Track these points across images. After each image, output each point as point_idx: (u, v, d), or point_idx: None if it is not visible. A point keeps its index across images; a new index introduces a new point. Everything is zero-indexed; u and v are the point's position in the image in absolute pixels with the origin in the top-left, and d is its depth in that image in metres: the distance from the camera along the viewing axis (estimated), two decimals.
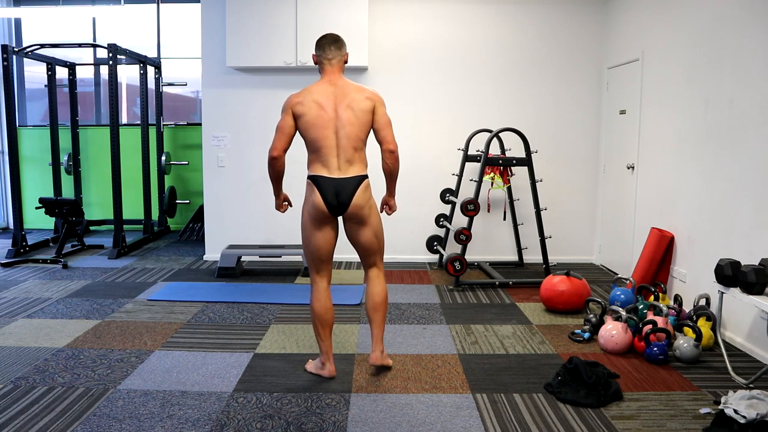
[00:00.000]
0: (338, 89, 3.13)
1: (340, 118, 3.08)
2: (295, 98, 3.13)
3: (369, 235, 3.21)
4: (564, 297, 4.37)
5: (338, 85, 3.15)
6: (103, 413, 2.81)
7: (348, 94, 3.12)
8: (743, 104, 3.72)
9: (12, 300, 4.67)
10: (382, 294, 3.26)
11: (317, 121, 3.07)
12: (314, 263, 3.22)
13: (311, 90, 3.14)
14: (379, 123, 3.16)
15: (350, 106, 3.10)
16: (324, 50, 3.19)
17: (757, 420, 2.53)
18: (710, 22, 4.09)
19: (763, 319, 3.51)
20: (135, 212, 7.47)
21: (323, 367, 3.25)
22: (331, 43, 3.19)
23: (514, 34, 5.97)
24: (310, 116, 3.08)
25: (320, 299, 3.20)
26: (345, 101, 3.11)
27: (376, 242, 3.24)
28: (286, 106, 3.13)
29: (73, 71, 7.42)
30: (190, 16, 7.67)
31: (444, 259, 5.19)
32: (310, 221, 3.14)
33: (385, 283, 3.33)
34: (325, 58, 3.19)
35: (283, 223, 6.07)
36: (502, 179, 5.50)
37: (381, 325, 3.28)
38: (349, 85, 3.16)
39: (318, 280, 3.23)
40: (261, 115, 5.99)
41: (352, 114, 3.09)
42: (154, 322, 4.15)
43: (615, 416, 2.82)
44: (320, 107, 3.08)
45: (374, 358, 3.26)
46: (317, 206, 3.10)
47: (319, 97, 3.10)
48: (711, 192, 4.05)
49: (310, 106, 3.08)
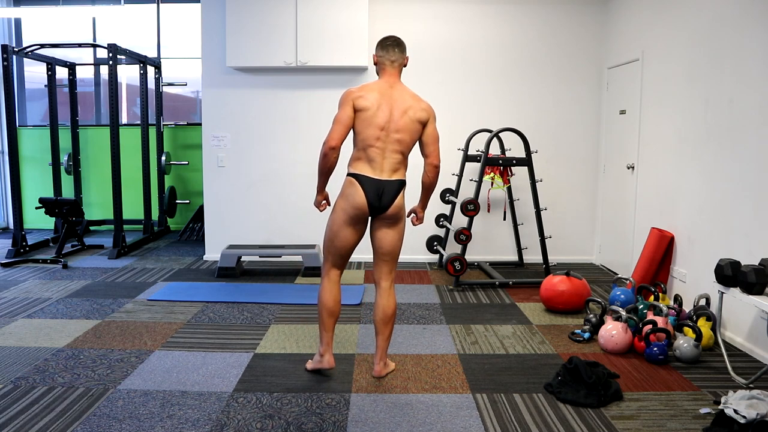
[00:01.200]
0: (397, 93, 3.13)
1: (395, 121, 3.08)
2: (357, 92, 3.10)
3: (396, 239, 3.22)
4: (564, 297, 4.37)
5: (397, 88, 3.15)
6: (103, 413, 2.81)
7: (406, 101, 3.12)
8: (743, 104, 3.72)
9: (12, 300, 4.67)
10: (393, 307, 3.24)
11: (374, 120, 3.06)
12: (335, 258, 3.22)
13: (372, 87, 3.12)
14: (428, 137, 3.17)
15: (406, 113, 3.10)
16: (387, 51, 3.18)
17: (757, 420, 2.53)
18: (710, 22, 4.09)
19: (763, 319, 3.51)
20: (135, 212, 7.47)
21: (322, 358, 3.24)
22: (395, 45, 3.20)
23: (514, 34, 5.97)
24: (369, 113, 3.06)
25: (332, 290, 3.23)
26: (402, 106, 3.10)
27: (398, 247, 3.24)
28: (347, 98, 3.09)
29: (73, 71, 7.42)
30: (190, 16, 7.67)
31: (444, 259, 5.19)
32: (345, 217, 3.12)
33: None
34: (388, 59, 3.19)
35: (283, 223, 6.08)
36: (502, 179, 5.50)
37: (389, 338, 3.27)
38: (407, 91, 3.17)
39: (332, 272, 3.24)
40: (261, 115, 6.00)
41: (407, 121, 3.09)
42: (154, 322, 4.15)
43: (615, 416, 2.82)
44: (379, 107, 3.07)
45: (378, 370, 3.25)
46: (358, 204, 3.09)
47: (380, 96, 3.09)
48: (711, 192, 4.05)
49: (371, 103, 3.06)
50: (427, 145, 3.18)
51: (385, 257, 3.22)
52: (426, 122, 3.16)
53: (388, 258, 3.22)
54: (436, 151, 3.19)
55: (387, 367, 3.31)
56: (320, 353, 3.26)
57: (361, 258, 6.03)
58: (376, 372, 3.26)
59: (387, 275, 3.25)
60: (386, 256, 3.22)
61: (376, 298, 3.26)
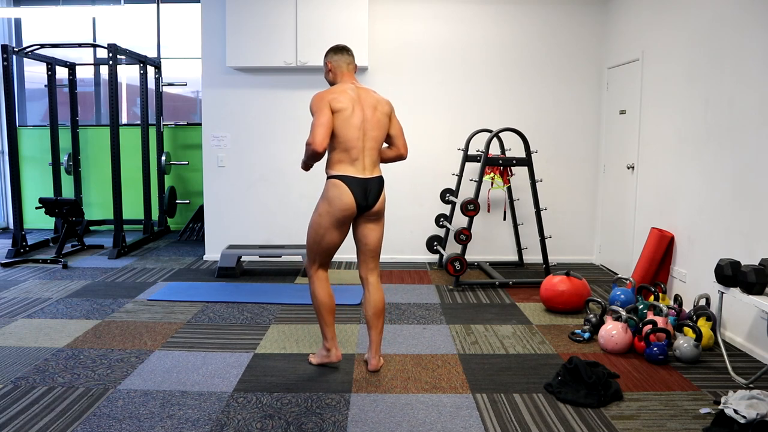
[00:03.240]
0: (363, 92, 3.21)
1: (369, 120, 3.15)
2: (329, 94, 3.12)
3: (381, 233, 3.33)
4: (564, 297, 4.37)
5: (361, 88, 3.24)
6: (103, 413, 2.81)
7: (372, 98, 3.21)
8: (743, 104, 3.72)
9: (12, 300, 4.67)
10: (383, 300, 3.35)
11: (352, 120, 3.11)
12: (323, 259, 3.28)
13: (340, 90, 3.16)
14: (396, 129, 3.33)
15: (376, 109, 3.19)
16: (342, 55, 3.29)
17: (757, 420, 2.53)
18: (710, 22, 4.09)
19: (763, 319, 3.51)
20: (135, 212, 7.47)
21: (329, 353, 3.34)
22: (345, 50, 3.30)
23: (514, 34, 5.97)
24: (346, 113, 3.10)
25: (325, 287, 3.30)
26: (371, 103, 3.18)
27: (380, 243, 3.34)
28: (322, 101, 3.09)
29: (73, 71, 7.42)
30: (190, 16, 7.67)
31: (444, 259, 5.19)
32: (332, 220, 3.15)
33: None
34: (344, 62, 3.28)
35: (283, 223, 6.08)
36: (502, 179, 5.50)
37: (382, 331, 3.38)
38: (367, 89, 3.27)
39: (320, 272, 3.31)
40: (261, 115, 6.00)
41: (379, 117, 3.19)
42: (154, 322, 4.15)
43: (615, 416, 2.82)
44: (353, 107, 3.12)
45: (375, 364, 3.33)
46: (346, 206, 3.12)
47: (351, 96, 3.14)
48: (711, 192, 4.05)
49: (346, 104, 3.10)
50: (396, 137, 3.32)
51: (372, 253, 3.32)
52: (391, 115, 3.28)
53: (374, 254, 3.33)
54: (405, 144, 3.35)
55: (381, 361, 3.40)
56: (326, 348, 3.35)
57: None
58: (372, 366, 3.32)
59: (374, 270, 3.35)
60: (373, 252, 3.32)
61: (366, 294, 3.34)
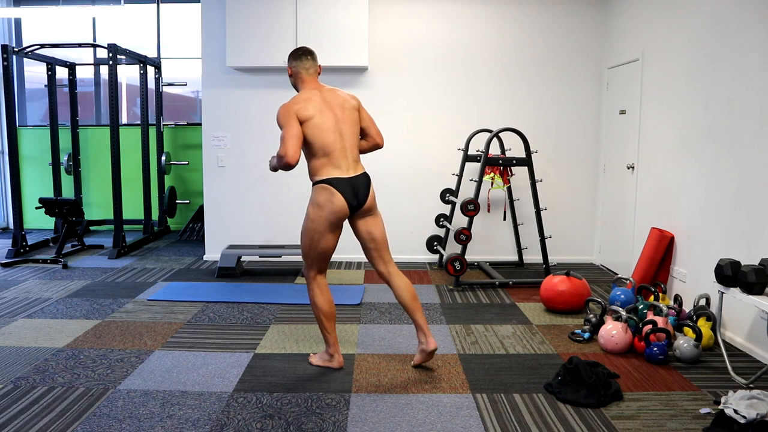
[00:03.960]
0: (327, 93, 3.21)
1: (341, 119, 3.16)
2: (293, 105, 3.10)
3: (382, 224, 3.33)
4: (564, 297, 4.37)
5: (324, 89, 3.24)
6: (103, 413, 2.81)
7: (338, 95, 3.22)
8: (743, 104, 3.72)
9: (12, 300, 4.67)
10: (407, 284, 3.33)
11: (325, 125, 3.10)
12: (320, 263, 3.28)
13: (303, 98, 3.15)
14: (366, 120, 3.35)
15: (344, 107, 3.20)
16: (301, 60, 3.26)
17: (757, 420, 2.53)
18: (710, 22, 4.09)
19: (763, 319, 3.51)
20: (135, 212, 7.48)
21: (332, 358, 3.35)
22: (306, 54, 3.27)
23: (514, 34, 5.97)
24: (316, 120, 3.09)
25: (324, 294, 3.30)
26: (338, 102, 3.19)
27: (384, 234, 3.34)
28: (288, 113, 3.07)
29: (73, 71, 7.42)
30: (190, 16, 7.67)
31: (444, 259, 5.19)
32: (326, 224, 3.16)
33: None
34: (302, 68, 3.26)
35: (283, 223, 6.08)
36: (502, 179, 5.50)
37: (420, 310, 3.31)
38: (332, 89, 3.27)
39: (319, 278, 3.31)
40: (261, 115, 6.00)
41: (349, 113, 3.20)
42: (154, 322, 4.15)
43: (615, 416, 2.82)
44: (322, 111, 3.12)
45: (433, 342, 3.27)
46: (338, 209, 3.12)
47: (317, 102, 3.13)
48: (711, 192, 4.05)
49: (313, 110, 3.10)
50: (369, 128, 3.33)
51: (382, 245, 3.33)
52: (359, 108, 3.29)
53: (384, 245, 3.34)
54: (379, 132, 3.36)
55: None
56: (329, 353, 3.36)
57: (362, 258, 6.03)
58: (432, 345, 3.26)
59: (390, 261, 3.36)
60: (382, 243, 3.32)
61: (393, 285, 3.32)
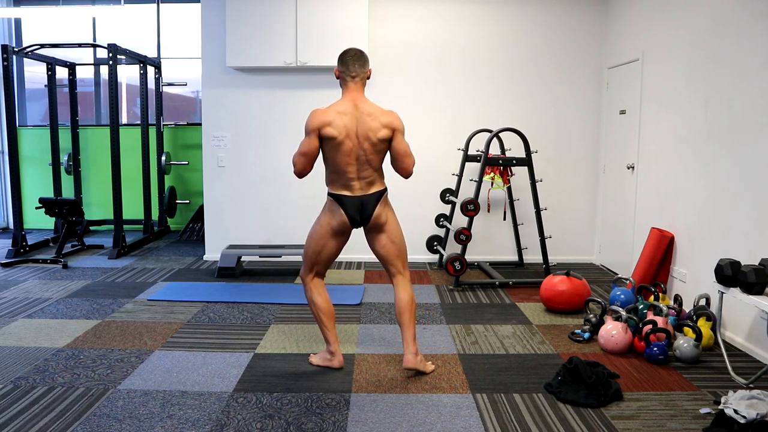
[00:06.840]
0: (360, 114, 3.07)
1: (361, 147, 3.08)
2: (323, 117, 3.04)
3: (390, 241, 3.26)
4: (564, 297, 4.36)
5: (360, 108, 3.08)
6: (103, 413, 2.81)
7: (369, 122, 3.06)
8: (743, 104, 3.71)
9: (12, 300, 4.66)
10: (405, 297, 3.26)
11: (343, 148, 3.06)
12: (320, 267, 3.31)
13: (336, 110, 3.07)
14: (398, 152, 3.14)
15: (368, 137, 3.06)
16: (347, 66, 3.12)
17: (757, 420, 2.53)
18: (710, 22, 4.09)
19: (763, 319, 3.51)
20: (135, 212, 7.47)
21: (332, 357, 3.34)
22: (355, 59, 3.12)
23: (514, 34, 5.97)
24: (338, 141, 3.04)
25: (322, 293, 3.32)
26: (365, 127, 3.06)
27: (394, 248, 3.26)
28: (313, 126, 3.03)
29: (73, 71, 7.42)
30: (190, 16, 7.67)
31: (444, 259, 5.18)
32: (330, 230, 3.20)
33: (410, 286, 3.32)
34: (348, 75, 3.12)
35: (283, 223, 6.08)
36: (502, 179, 5.50)
37: (409, 326, 3.23)
38: (370, 111, 3.09)
39: (316, 280, 3.34)
40: (261, 115, 6.00)
41: (371, 145, 3.08)
42: (154, 322, 4.15)
43: (615, 416, 2.82)
44: (347, 134, 3.05)
45: (407, 360, 3.19)
46: (340, 221, 3.17)
47: (347, 121, 3.05)
48: (711, 192, 4.05)
49: (339, 130, 3.03)
50: (397, 160, 3.18)
51: (386, 260, 3.30)
52: (392, 136, 3.11)
53: (393, 259, 3.29)
54: (408, 166, 3.18)
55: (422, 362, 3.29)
56: (330, 352, 3.35)
57: (362, 258, 6.03)
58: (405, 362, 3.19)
59: (398, 272, 3.30)
60: (385, 258, 3.30)
61: (395, 294, 3.29)
